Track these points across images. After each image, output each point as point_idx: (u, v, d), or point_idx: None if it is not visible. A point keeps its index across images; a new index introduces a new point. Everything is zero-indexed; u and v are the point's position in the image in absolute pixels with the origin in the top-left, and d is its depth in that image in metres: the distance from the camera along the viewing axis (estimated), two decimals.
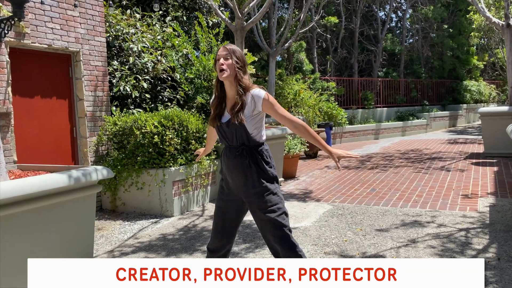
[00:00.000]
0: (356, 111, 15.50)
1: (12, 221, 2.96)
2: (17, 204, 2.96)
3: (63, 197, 3.31)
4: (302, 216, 5.12)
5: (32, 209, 3.09)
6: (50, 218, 3.24)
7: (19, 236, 3.02)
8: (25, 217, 3.05)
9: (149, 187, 5.50)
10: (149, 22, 7.87)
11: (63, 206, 3.34)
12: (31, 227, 3.10)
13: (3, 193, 2.84)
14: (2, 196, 2.82)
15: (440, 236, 4.16)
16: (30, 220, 3.09)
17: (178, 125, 5.64)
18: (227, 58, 2.57)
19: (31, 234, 3.11)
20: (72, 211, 3.42)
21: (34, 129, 5.30)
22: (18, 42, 4.94)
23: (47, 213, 3.21)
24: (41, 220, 3.18)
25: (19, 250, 3.03)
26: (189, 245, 4.33)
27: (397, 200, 5.64)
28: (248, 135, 2.59)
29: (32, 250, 3.11)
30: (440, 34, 19.57)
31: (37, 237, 3.15)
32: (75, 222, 3.46)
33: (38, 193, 3.07)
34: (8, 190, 2.87)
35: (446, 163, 8.33)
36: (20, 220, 3.02)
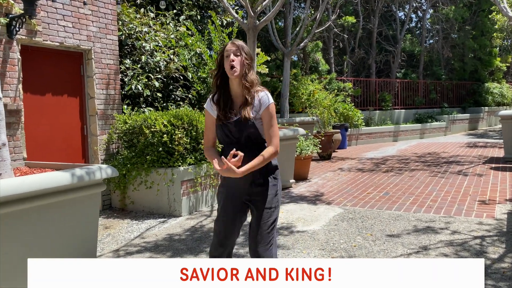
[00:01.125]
0: (373, 112, 15.25)
1: (14, 219, 2.95)
2: (18, 202, 2.95)
3: (66, 195, 3.28)
4: (311, 220, 5.00)
5: (34, 207, 3.07)
6: (52, 216, 3.22)
7: (21, 234, 3.00)
8: (27, 215, 3.03)
9: (158, 186, 5.47)
10: (163, 21, 7.85)
11: (66, 205, 3.31)
12: (32, 226, 3.08)
13: (4, 191, 2.82)
14: (3, 193, 2.81)
15: (454, 243, 4.00)
16: (32, 218, 3.07)
17: (188, 124, 5.59)
18: (237, 54, 2.45)
19: (33, 233, 3.09)
20: (75, 210, 3.40)
21: (44, 126, 5.33)
22: (30, 39, 4.97)
23: (49, 212, 3.19)
24: (43, 219, 3.15)
25: (21, 248, 3.01)
26: (195, 246, 4.27)
27: (411, 204, 5.47)
28: (258, 133, 2.50)
29: (34, 248, 3.09)
30: (462, 35, 19.11)
31: (39, 236, 3.13)
32: (78, 221, 3.43)
33: (39, 191, 3.05)
34: (9, 187, 2.86)
35: (464, 167, 8.08)
36: (22, 218, 3.00)
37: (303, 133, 6.97)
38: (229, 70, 2.45)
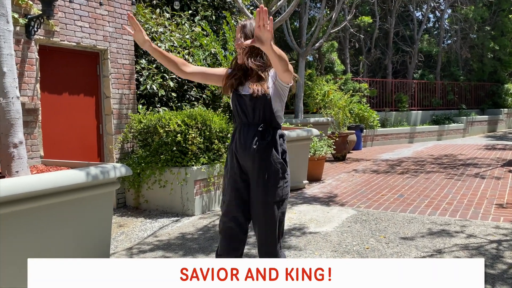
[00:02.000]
0: (389, 113, 15.09)
1: (29, 217, 3.00)
2: (34, 199, 3.00)
3: (81, 193, 3.33)
4: (324, 221, 4.98)
5: (49, 205, 3.12)
6: (67, 214, 3.27)
7: (36, 232, 3.06)
8: (42, 213, 3.08)
9: (172, 186, 5.51)
10: (178, 21, 7.91)
11: (81, 203, 3.36)
12: (48, 223, 3.14)
13: (20, 188, 2.88)
14: (19, 190, 2.86)
15: (469, 247, 3.93)
16: (47, 215, 3.12)
17: (201, 124, 5.62)
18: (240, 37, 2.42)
19: (48, 230, 3.14)
20: (89, 208, 3.44)
21: (61, 125, 5.41)
22: (48, 40, 5.05)
23: (64, 209, 3.24)
24: (58, 216, 3.21)
25: (36, 245, 3.06)
26: (207, 246, 4.28)
27: (426, 207, 5.40)
28: (272, 114, 2.41)
29: (49, 246, 3.14)
30: (481, 35, 18.76)
31: (54, 233, 3.18)
32: (92, 218, 3.48)
33: (55, 189, 3.10)
34: (25, 185, 2.91)
35: (481, 170, 7.94)
36: (38, 215, 3.06)
37: (317, 134, 6.93)
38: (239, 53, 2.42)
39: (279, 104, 2.45)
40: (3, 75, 3.37)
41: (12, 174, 3.35)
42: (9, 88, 3.39)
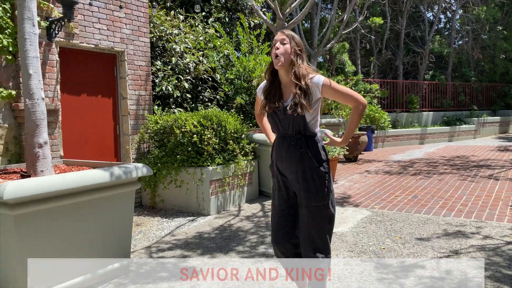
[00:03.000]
0: (400, 114, 15.05)
1: (55, 215, 3.09)
2: (60, 198, 3.08)
3: (104, 192, 3.41)
4: (339, 221, 5.01)
5: (74, 203, 3.20)
6: (90, 212, 3.35)
7: (61, 229, 3.14)
8: (67, 211, 3.17)
9: (187, 185, 5.58)
10: (192, 23, 7.99)
11: (103, 202, 3.44)
12: (72, 221, 3.22)
13: (47, 187, 2.96)
14: (46, 189, 2.95)
15: (486, 248, 3.95)
16: (72, 214, 3.21)
17: (217, 125, 5.69)
18: (284, 43, 2.47)
19: (72, 228, 3.22)
20: (111, 207, 3.52)
21: (80, 125, 5.52)
22: (68, 42, 5.16)
23: (88, 208, 3.32)
24: (82, 215, 3.29)
25: (61, 243, 3.15)
26: (224, 245, 4.34)
27: (440, 208, 5.41)
28: (306, 124, 2.49)
29: (73, 243, 3.23)
30: (493, 36, 18.63)
31: (78, 231, 3.26)
32: (114, 217, 3.55)
33: (80, 188, 3.18)
34: (53, 183, 3.00)
35: (495, 172, 7.91)
36: (63, 213, 3.14)
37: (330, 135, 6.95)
38: (274, 59, 2.46)
39: (312, 115, 2.52)
40: (29, 77, 3.46)
41: (37, 174, 3.44)
42: (34, 90, 3.48)
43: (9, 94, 4.54)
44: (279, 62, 2.46)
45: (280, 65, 2.47)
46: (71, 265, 3.24)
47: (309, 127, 2.53)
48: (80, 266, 3.31)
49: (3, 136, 4.55)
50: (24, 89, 3.46)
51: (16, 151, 4.66)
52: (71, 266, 3.25)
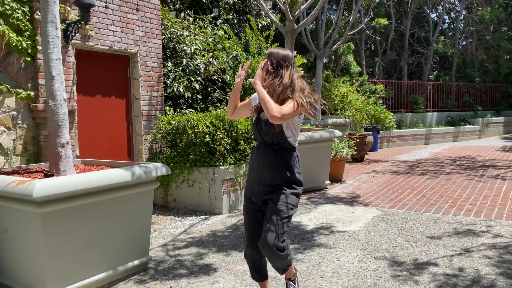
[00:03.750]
0: (405, 115, 15.12)
1: (79, 212, 3.18)
2: (84, 196, 3.18)
3: (125, 191, 3.50)
4: (350, 220, 5.10)
5: (97, 202, 3.30)
6: (111, 211, 3.44)
7: (84, 227, 3.23)
8: (91, 209, 3.26)
9: (200, 185, 5.67)
10: (201, 24, 8.08)
11: (124, 200, 3.53)
12: (95, 219, 3.31)
13: (72, 186, 3.05)
14: (72, 188, 3.04)
15: (497, 246, 4.02)
16: (95, 211, 3.30)
17: (229, 125, 5.77)
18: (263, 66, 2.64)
19: (95, 225, 3.31)
20: (132, 205, 3.61)
21: (94, 126, 5.61)
22: (83, 44, 5.25)
23: (109, 206, 3.42)
24: (103, 213, 3.38)
25: (84, 238, 3.24)
26: (239, 243, 4.43)
27: (449, 207, 5.49)
28: (285, 138, 2.66)
29: (95, 240, 3.32)
30: (497, 36, 18.68)
31: (100, 228, 3.35)
32: (134, 216, 3.64)
33: (103, 187, 3.28)
34: (77, 183, 3.09)
35: (502, 171, 7.98)
36: (85, 211, 3.23)
37: (339, 135, 7.05)
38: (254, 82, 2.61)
39: (290, 132, 2.67)
40: (52, 79, 3.55)
41: (60, 173, 3.53)
42: (57, 91, 3.57)
43: (28, 95, 4.64)
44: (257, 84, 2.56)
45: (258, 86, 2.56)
46: (93, 262, 3.33)
47: (288, 141, 2.68)
48: (102, 263, 3.41)
49: (22, 136, 4.65)
50: (47, 90, 3.55)
51: (34, 150, 4.76)
52: (93, 263, 3.34)
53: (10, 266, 3.30)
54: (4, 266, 3.35)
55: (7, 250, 3.29)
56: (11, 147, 4.55)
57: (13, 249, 3.23)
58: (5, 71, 4.49)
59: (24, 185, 2.94)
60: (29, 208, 2.97)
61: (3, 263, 3.35)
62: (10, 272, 3.30)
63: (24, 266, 3.18)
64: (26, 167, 4.00)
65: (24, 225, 3.09)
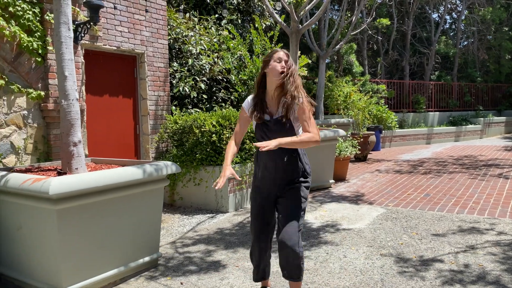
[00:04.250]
0: (407, 114, 15.18)
1: (92, 209, 3.25)
2: (97, 194, 3.25)
3: (137, 189, 3.57)
4: (355, 219, 5.16)
5: (110, 199, 3.37)
6: (123, 208, 3.51)
7: (97, 224, 3.30)
8: (103, 206, 3.33)
9: (206, 183, 5.74)
10: (205, 25, 8.15)
11: (136, 198, 3.60)
12: (108, 216, 3.38)
13: (87, 183, 3.12)
14: (86, 185, 3.11)
15: (501, 243, 4.09)
16: (107, 209, 3.37)
17: (235, 125, 5.83)
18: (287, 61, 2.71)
19: (107, 222, 3.38)
20: (143, 203, 3.68)
21: (102, 125, 5.68)
22: (92, 44, 5.33)
23: (121, 204, 3.48)
24: (116, 210, 3.45)
25: (97, 235, 3.31)
26: (246, 240, 4.50)
27: (453, 206, 5.55)
28: (294, 134, 2.71)
29: (107, 237, 3.39)
30: (498, 36, 18.75)
31: (112, 226, 3.42)
32: (145, 213, 3.71)
33: (116, 184, 3.34)
34: (91, 180, 3.16)
35: (504, 170, 8.04)
36: (99, 208, 3.30)
37: (343, 135, 7.11)
38: (278, 74, 2.67)
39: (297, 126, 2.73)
40: (65, 79, 3.62)
41: (72, 171, 3.60)
42: (70, 91, 3.64)
43: (39, 95, 4.71)
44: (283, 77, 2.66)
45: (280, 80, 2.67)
46: (106, 258, 3.40)
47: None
48: (114, 260, 3.47)
49: (33, 135, 4.72)
50: (60, 90, 3.63)
51: (44, 149, 4.83)
52: (106, 259, 3.41)
53: (24, 262, 3.37)
54: (18, 262, 3.42)
55: (22, 246, 3.36)
56: (22, 146, 4.63)
57: (28, 246, 3.30)
58: (17, 71, 4.56)
59: (40, 183, 3.01)
60: (44, 205, 3.04)
61: (18, 259, 3.42)
62: (25, 268, 3.37)
63: (39, 262, 3.24)
64: (39, 165, 4.07)
65: (39, 222, 3.16)
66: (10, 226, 3.42)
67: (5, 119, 4.47)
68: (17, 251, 3.42)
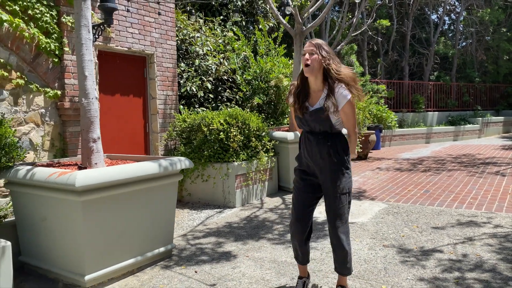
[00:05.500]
0: (406, 114, 15.41)
1: (113, 202, 3.46)
2: (118, 187, 3.45)
3: (153, 183, 3.78)
4: (358, 213, 5.38)
5: (129, 192, 3.57)
6: (141, 200, 3.72)
7: (117, 215, 3.51)
8: (122, 199, 3.53)
9: (214, 180, 5.95)
10: (210, 26, 8.37)
11: (152, 191, 3.81)
12: (126, 208, 3.59)
13: (109, 177, 3.33)
14: (108, 179, 3.32)
15: (497, 235, 4.31)
16: (126, 201, 3.58)
17: (241, 123, 6.05)
18: (313, 53, 2.75)
19: (126, 214, 3.59)
20: (159, 196, 3.89)
21: (114, 124, 5.89)
22: (105, 45, 5.53)
23: (139, 196, 3.69)
24: (134, 202, 3.66)
25: (117, 226, 3.52)
26: (254, 233, 4.71)
27: (452, 201, 5.77)
28: (331, 125, 2.83)
29: (126, 228, 3.60)
30: (496, 37, 19.00)
31: (131, 217, 3.63)
32: (160, 205, 3.92)
33: (135, 178, 3.55)
34: (113, 174, 3.37)
35: (501, 168, 8.27)
36: (119, 201, 3.51)
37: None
38: (304, 68, 2.77)
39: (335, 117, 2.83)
40: (85, 79, 3.82)
41: (92, 166, 3.80)
42: (89, 90, 3.84)
43: (55, 94, 4.91)
44: (308, 71, 2.76)
45: (310, 74, 2.78)
46: (125, 247, 3.61)
47: (334, 127, 2.86)
48: (132, 249, 3.68)
49: (50, 132, 4.92)
50: (80, 89, 3.83)
51: (60, 146, 5.04)
52: (124, 249, 3.61)
53: (48, 251, 3.57)
54: (42, 251, 3.62)
55: (45, 236, 3.56)
56: (40, 142, 4.83)
57: (52, 236, 3.50)
58: (35, 71, 4.76)
59: (66, 176, 3.21)
60: (70, 197, 3.25)
61: (42, 249, 3.62)
62: (48, 257, 3.57)
63: (63, 251, 3.45)
64: (58, 161, 4.27)
65: (64, 213, 3.36)
66: (34, 217, 3.63)
67: (24, 117, 4.68)
68: (40, 241, 3.62)
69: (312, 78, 2.83)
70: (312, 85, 2.88)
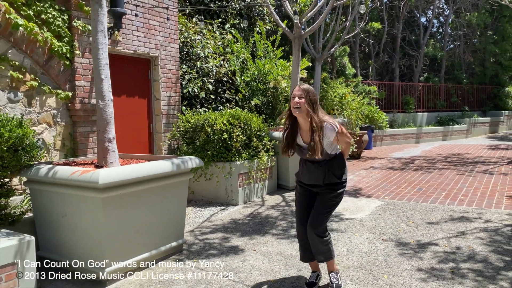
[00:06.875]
0: (397, 115, 15.78)
1: (130, 198, 3.66)
2: (135, 184, 3.66)
3: (167, 180, 3.99)
4: (356, 210, 5.64)
5: (145, 189, 3.78)
6: (155, 197, 3.93)
7: (135, 211, 3.71)
8: (139, 196, 3.74)
9: (217, 178, 6.16)
10: (210, 28, 8.57)
11: (165, 189, 4.02)
12: (142, 204, 3.79)
13: (128, 175, 3.53)
14: (127, 177, 3.52)
15: (488, 230, 4.60)
16: (142, 198, 3.78)
17: (244, 124, 6.27)
18: (301, 97, 3.07)
19: (142, 210, 3.79)
20: (171, 193, 4.10)
21: (119, 124, 6.06)
22: (113, 48, 5.71)
23: (153, 193, 3.90)
24: (149, 199, 3.86)
25: (134, 221, 3.72)
26: (259, 229, 4.94)
27: (444, 198, 6.07)
28: (329, 154, 3.17)
29: (142, 223, 3.80)
30: (483, 40, 19.51)
31: (146, 213, 3.84)
32: (173, 202, 4.13)
33: (150, 176, 3.76)
34: (130, 172, 3.57)
35: (489, 167, 8.62)
36: (137, 197, 3.71)
37: None
38: (293, 109, 3.08)
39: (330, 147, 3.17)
40: (101, 82, 4.02)
41: (108, 165, 4.00)
42: (105, 92, 4.04)
43: (67, 96, 5.09)
44: (297, 111, 3.07)
45: (299, 114, 3.08)
46: (141, 242, 3.81)
47: (330, 155, 3.19)
48: (148, 243, 3.89)
49: (61, 133, 5.09)
50: (97, 91, 4.02)
51: (71, 146, 5.21)
52: (141, 243, 3.82)
53: (68, 246, 3.75)
54: (62, 246, 3.80)
55: (66, 232, 3.74)
56: (52, 142, 5.00)
57: (72, 231, 3.68)
58: (47, 74, 4.93)
59: (88, 174, 3.41)
60: (91, 194, 3.44)
61: (61, 244, 3.80)
62: (68, 251, 3.75)
63: (83, 245, 3.63)
64: (73, 160, 4.45)
65: (85, 209, 3.55)
66: (54, 214, 3.81)
67: (38, 117, 4.84)
68: (59, 236, 3.80)
69: (301, 119, 3.12)
70: (302, 124, 3.17)
